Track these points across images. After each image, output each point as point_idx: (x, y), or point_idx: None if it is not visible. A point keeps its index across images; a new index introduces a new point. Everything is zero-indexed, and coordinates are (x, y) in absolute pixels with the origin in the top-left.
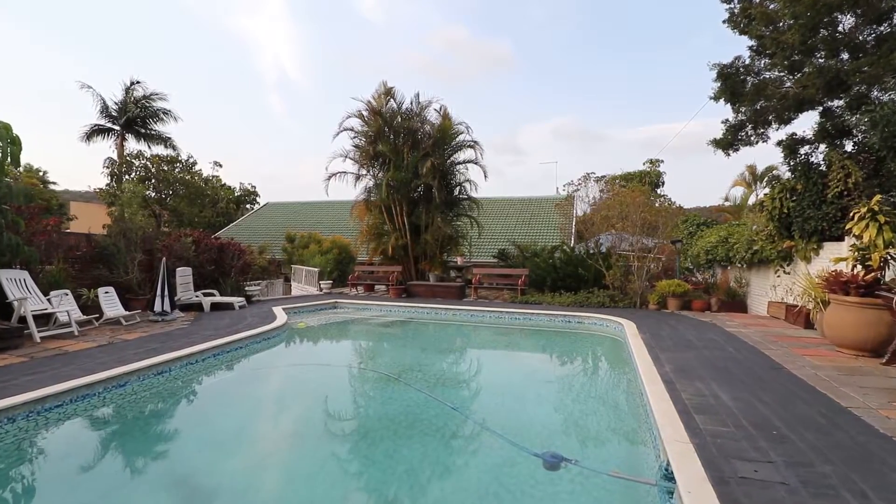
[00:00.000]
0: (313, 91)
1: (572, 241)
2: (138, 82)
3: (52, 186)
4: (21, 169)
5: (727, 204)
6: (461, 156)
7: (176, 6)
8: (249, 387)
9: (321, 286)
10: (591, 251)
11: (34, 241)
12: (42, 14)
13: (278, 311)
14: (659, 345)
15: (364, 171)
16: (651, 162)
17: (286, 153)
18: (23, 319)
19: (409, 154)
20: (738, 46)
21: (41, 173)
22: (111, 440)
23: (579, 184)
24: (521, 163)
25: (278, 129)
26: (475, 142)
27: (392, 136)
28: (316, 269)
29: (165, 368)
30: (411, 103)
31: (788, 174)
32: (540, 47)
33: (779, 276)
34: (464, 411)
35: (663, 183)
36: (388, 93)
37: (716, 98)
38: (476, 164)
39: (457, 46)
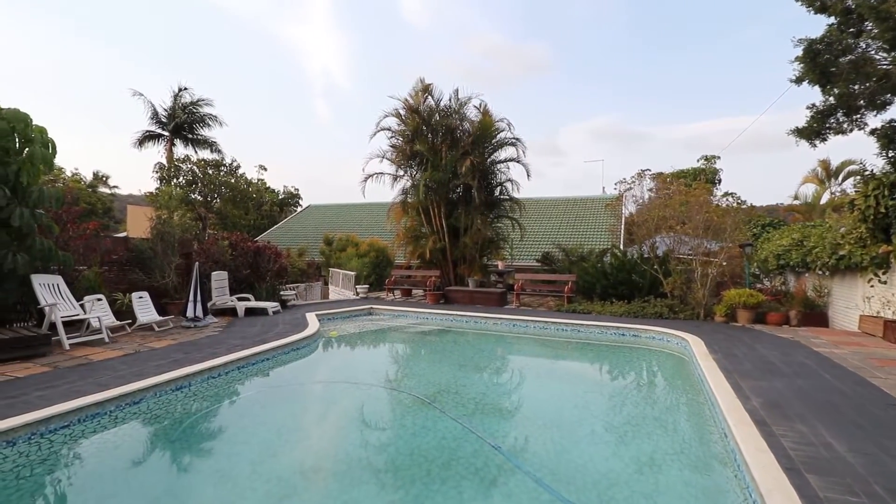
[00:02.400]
0: (358, 96)
1: (621, 244)
2: (186, 89)
3: (115, 191)
4: (69, 173)
5: (796, 203)
6: (502, 154)
7: (229, 17)
8: (269, 408)
9: (357, 290)
10: (646, 255)
11: (71, 245)
12: (100, 23)
13: (311, 317)
14: (737, 368)
15: (401, 172)
16: (706, 159)
17: (330, 157)
18: (53, 326)
19: (448, 153)
20: (785, 41)
21: (103, 177)
22: (118, 469)
23: (632, 182)
24: (561, 164)
25: (324, 133)
26: (517, 139)
27: (430, 135)
28: (352, 273)
29: (184, 384)
30: (450, 100)
31: (887, 167)
32: (580, 48)
33: (872, 286)
34: (506, 451)
35: (720, 181)
36: (426, 90)
37: (798, 80)
38: (518, 162)
39: (496, 51)
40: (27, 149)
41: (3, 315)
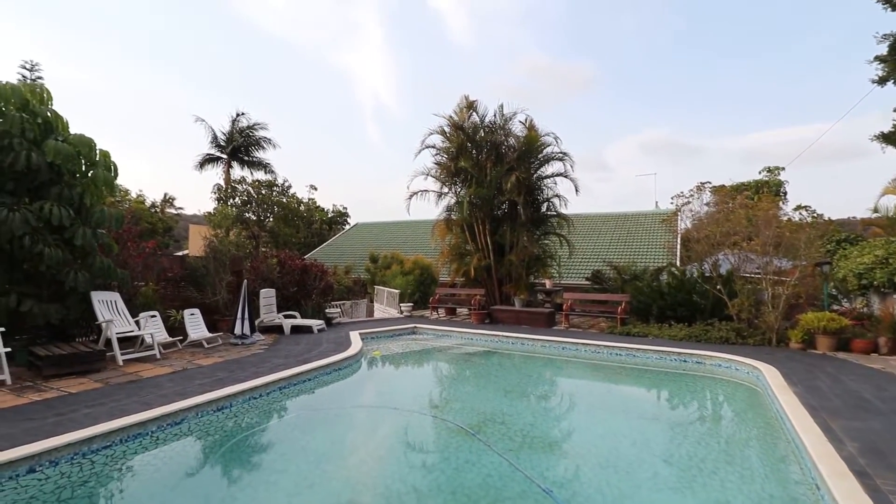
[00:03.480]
0: (405, 117)
1: (678, 261)
2: (243, 114)
3: (180, 211)
4: (134, 195)
5: (875, 216)
6: (548, 169)
7: (288, 47)
8: (308, 434)
9: (402, 308)
10: (708, 274)
11: (129, 263)
12: (171, 56)
13: (355, 336)
14: (823, 404)
15: (445, 189)
16: (769, 170)
17: (378, 176)
18: (110, 341)
19: (492, 169)
20: (849, 52)
21: (171, 199)
22: (155, 494)
23: (690, 195)
24: (609, 179)
25: (372, 153)
26: (564, 153)
27: (474, 151)
28: (397, 291)
29: (225, 404)
30: (494, 115)
31: None
32: (627, 62)
33: None
34: (559, 497)
35: (785, 193)
36: (470, 106)
37: (882, 80)
38: (566, 177)
39: (541, 70)
40: (91, 171)
41: (66, 330)
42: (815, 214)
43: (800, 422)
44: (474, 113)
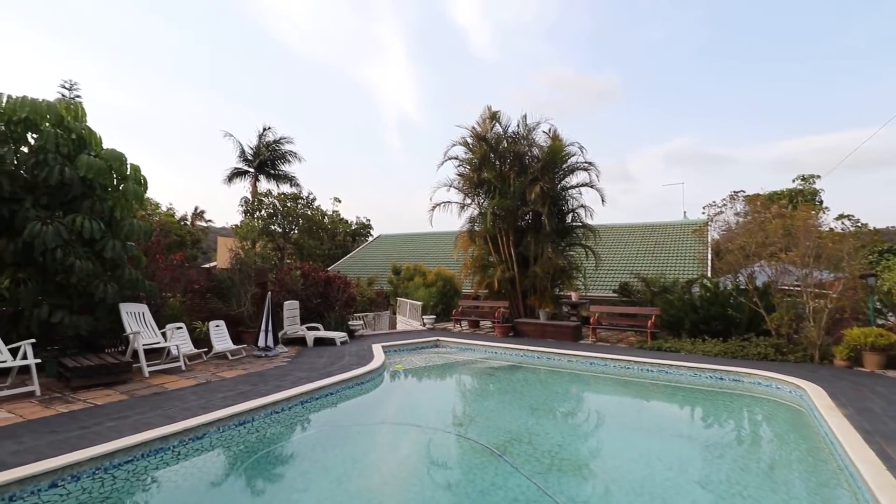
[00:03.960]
0: (428, 130)
1: (708, 273)
2: (269, 128)
3: (210, 224)
4: (164, 208)
5: None
6: (573, 179)
7: (312, 62)
8: (329, 451)
9: (424, 321)
10: (743, 286)
11: (157, 275)
12: (201, 73)
13: (377, 349)
14: (878, 429)
15: (468, 200)
16: (803, 179)
17: (401, 188)
18: (136, 352)
19: (516, 180)
20: (883, 55)
21: (201, 212)
22: None
23: (723, 205)
24: (633, 190)
25: (395, 166)
26: (589, 163)
27: (497, 162)
28: (419, 303)
29: (247, 419)
30: (518, 126)
31: None
32: (651, 72)
33: None
34: None
35: (821, 202)
36: (493, 117)
37: None
38: (591, 187)
39: (563, 83)
40: (122, 185)
41: (95, 340)
42: (858, 224)
43: (853, 448)
44: (497, 123)
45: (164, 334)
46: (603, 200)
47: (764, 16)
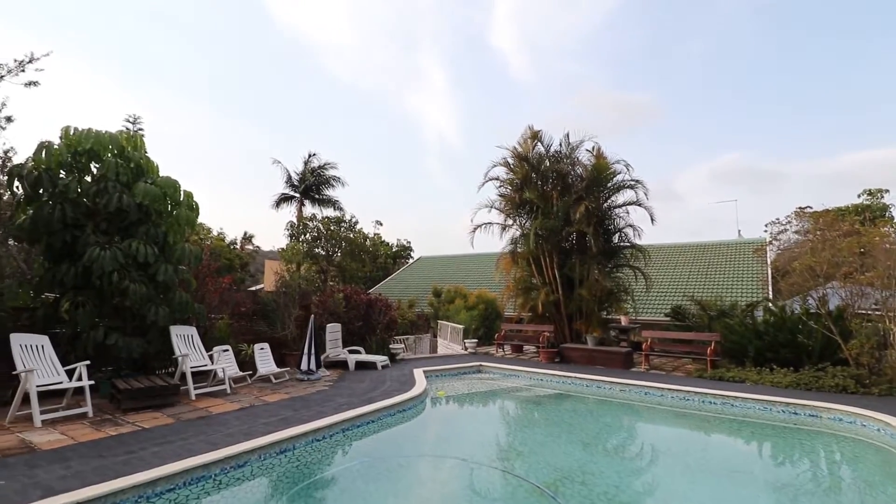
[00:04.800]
0: (467, 153)
1: (769, 295)
2: (314, 154)
3: (258, 248)
4: (215, 232)
5: None
6: (620, 198)
7: (355, 90)
8: (370, 484)
9: (466, 345)
10: (813, 310)
11: (206, 298)
12: (249, 103)
13: (419, 374)
14: None
15: (510, 221)
16: (869, 193)
17: (441, 211)
18: (184, 375)
19: (559, 200)
20: None
21: (250, 237)
22: None
23: (787, 222)
24: (679, 209)
25: (435, 188)
26: (636, 181)
27: (539, 182)
28: (461, 327)
29: (288, 446)
30: (560, 145)
31: None
32: (693, 88)
33: None
34: None
35: (892, 217)
36: (535, 136)
37: None
38: (639, 205)
39: (602, 103)
40: (175, 211)
41: (147, 362)
42: None
43: None
44: (539, 143)
45: (210, 357)
46: (652, 219)
47: (812, 21)
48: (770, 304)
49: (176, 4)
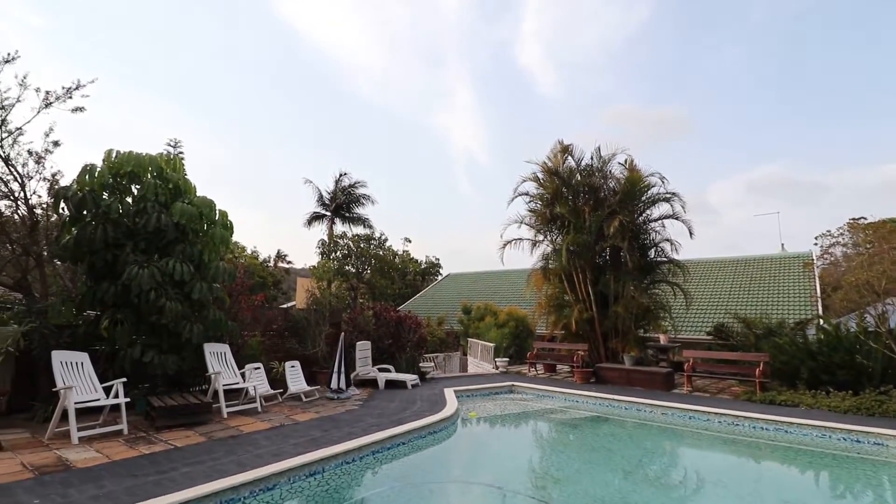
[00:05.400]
0: (495, 168)
1: (819, 311)
2: (345, 174)
3: (290, 265)
4: (249, 251)
5: None
6: (655, 212)
7: (384, 110)
8: None
9: (497, 364)
10: (871, 328)
11: (239, 316)
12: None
13: (449, 394)
14: None
15: (541, 237)
16: None
17: (469, 228)
18: (216, 392)
19: (591, 214)
20: None
21: (283, 255)
22: None
23: (839, 234)
24: (713, 223)
25: (463, 206)
26: (672, 193)
27: (570, 197)
28: (491, 345)
29: (318, 469)
30: (592, 158)
31: None
32: (725, 99)
33: None
34: None
35: None
36: (565, 150)
37: None
38: (676, 219)
39: (631, 117)
40: (210, 230)
41: (181, 379)
42: None
43: None
44: (569, 157)
45: (242, 374)
46: (691, 233)
47: (850, 31)
48: (823, 322)
49: (210, 32)
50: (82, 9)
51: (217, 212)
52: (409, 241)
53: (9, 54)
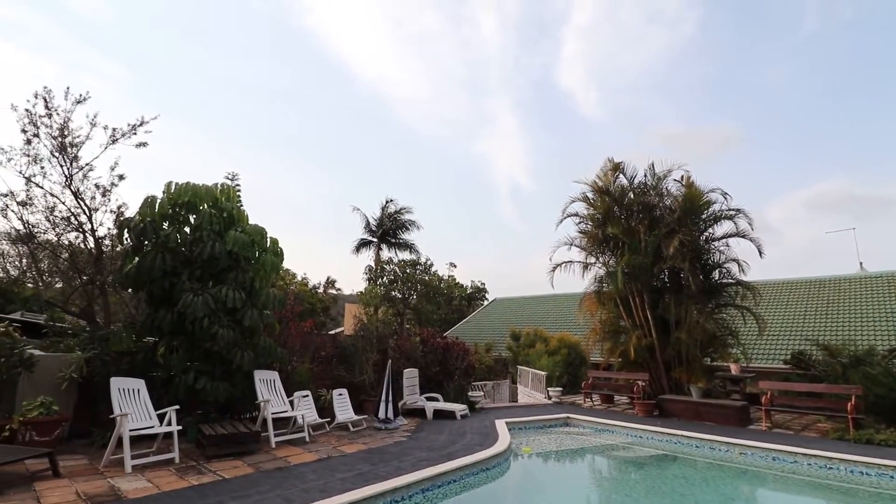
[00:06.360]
0: (538, 192)
1: None
2: (391, 200)
3: (339, 292)
4: (299, 277)
5: None
6: (718, 230)
7: (429, 138)
8: None
9: (549, 393)
10: None
11: (288, 343)
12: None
13: (501, 426)
14: None
15: (592, 259)
16: None
17: (514, 252)
18: (265, 421)
19: (647, 234)
20: None
21: (332, 281)
22: None
23: None
24: (775, 243)
25: (508, 230)
26: (737, 210)
27: (623, 216)
28: (543, 374)
29: None
30: (645, 176)
31: None
32: (779, 114)
33: None
34: None
35: None
36: (616, 168)
37: None
38: (743, 237)
39: (677, 137)
40: (262, 257)
41: (232, 406)
42: None
43: None
44: (621, 175)
45: (291, 402)
46: (760, 253)
47: None
48: None
49: (265, 71)
50: (151, 56)
51: (268, 239)
52: (455, 266)
53: (80, 95)
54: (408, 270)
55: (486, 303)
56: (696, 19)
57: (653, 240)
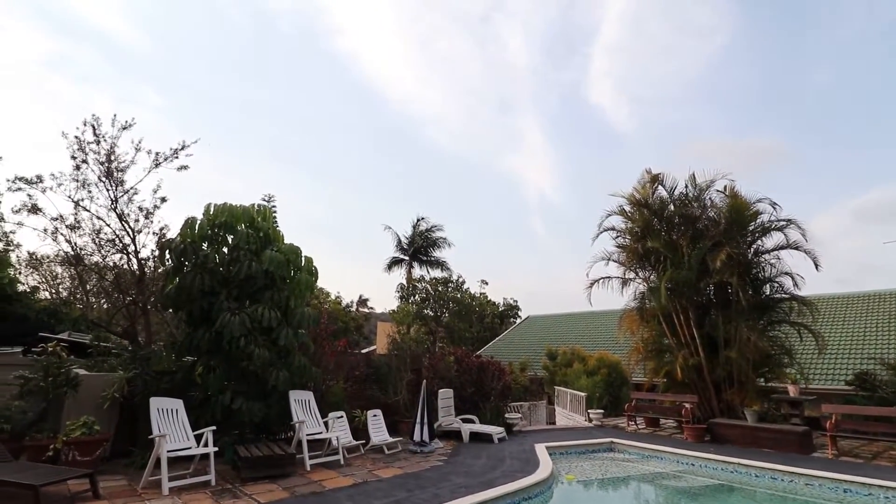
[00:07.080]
0: (569, 208)
1: None
2: (422, 219)
3: (371, 310)
4: (333, 296)
5: None
6: (768, 242)
7: (459, 157)
8: None
9: (590, 416)
10: None
11: (322, 362)
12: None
13: (541, 451)
14: None
15: (631, 274)
16: None
17: (546, 269)
18: (300, 442)
19: (690, 247)
20: None
21: (365, 300)
22: None
23: None
24: (821, 255)
25: (539, 246)
26: (788, 220)
27: (664, 229)
28: (583, 395)
29: None
30: (686, 187)
31: None
32: (820, 124)
33: None
34: None
35: None
36: (655, 179)
37: None
38: (796, 248)
39: (714, 152)
40: (296, 276)
41: (268, 426)
42: None
43: None
44: (660, 186)
45: (325, 423)
46: (816, 265)
47: None
48: None
49: (297, 95)
50: (190, 83)
51: (303, 258)
52: (486, 284)
53: (126, 122)
54: (440, 288)
55: (519, 321)
56: (730, 28)
57: (697, 253)
